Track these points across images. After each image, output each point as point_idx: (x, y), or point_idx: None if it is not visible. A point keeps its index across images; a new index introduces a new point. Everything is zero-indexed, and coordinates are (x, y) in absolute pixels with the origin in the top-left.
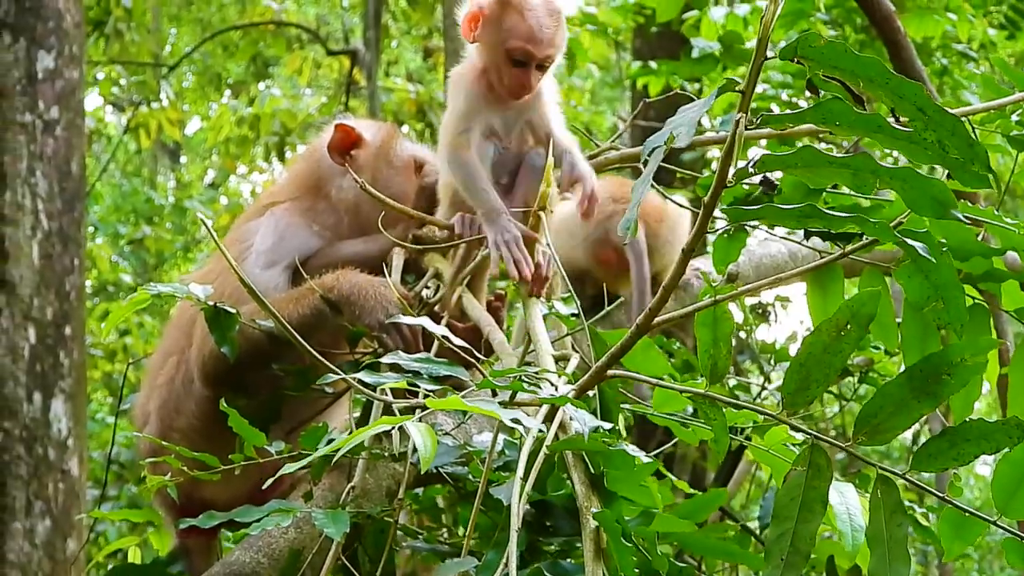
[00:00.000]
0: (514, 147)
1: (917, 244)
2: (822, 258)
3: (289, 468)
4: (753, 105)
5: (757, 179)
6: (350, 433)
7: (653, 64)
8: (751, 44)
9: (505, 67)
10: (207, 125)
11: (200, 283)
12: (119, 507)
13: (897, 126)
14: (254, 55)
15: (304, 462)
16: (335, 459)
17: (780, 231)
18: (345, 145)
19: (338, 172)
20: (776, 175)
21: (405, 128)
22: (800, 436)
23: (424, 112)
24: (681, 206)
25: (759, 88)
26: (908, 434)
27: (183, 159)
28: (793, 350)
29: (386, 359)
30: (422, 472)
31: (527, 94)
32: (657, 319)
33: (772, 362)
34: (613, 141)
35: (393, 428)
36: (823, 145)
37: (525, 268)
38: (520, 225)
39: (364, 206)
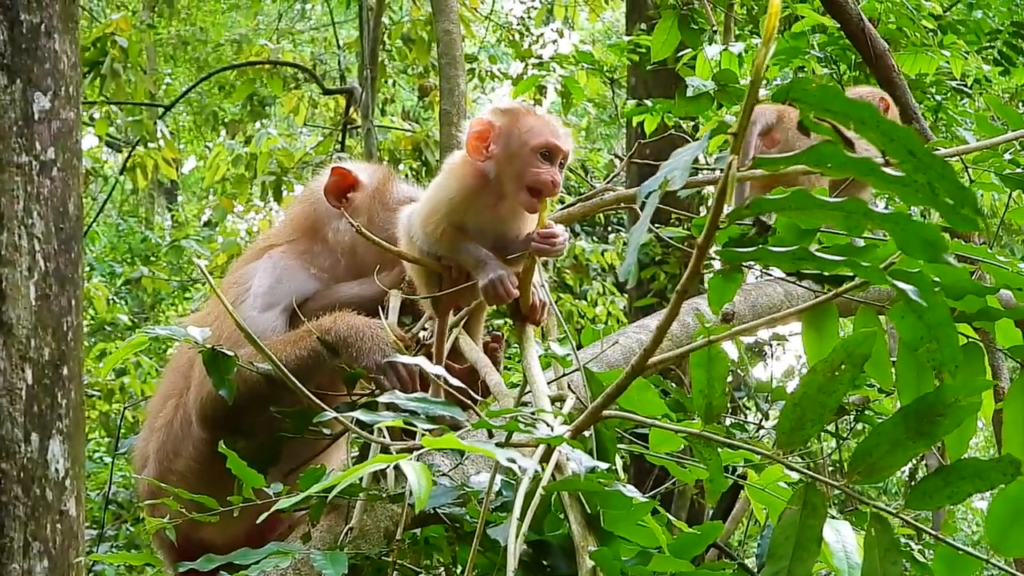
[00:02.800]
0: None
1: (908, 287)
2: (817, 298)
3: (284, 503)
4: None
5: (750, 220)
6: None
7: (648, 102)
8: (746, 82)
9: (531, 166)
10: (203, 164)
11: (198, 325)
12: (117, 547)
13: (888, 169)
14: (250, 95)
15: (299, 499)
16: (330, 497)
17: (776, 271)
18: (341, 188)
19: (335, 215)
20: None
21: (401, 167)
22: (795, 475)
23: (420, 151)
24: (678, 247)
25: None
26: (906, 469)
27: (180, 198)
28: (790, 387)
29: (383, 398)
30: (418, 511)
31: (557, 188)
32: (652, 359)
33: (769, 400)
34: (609, 182)
35: (389, 467)
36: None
37: (512, 295)
38: (506, 270)
39: (360, 248)
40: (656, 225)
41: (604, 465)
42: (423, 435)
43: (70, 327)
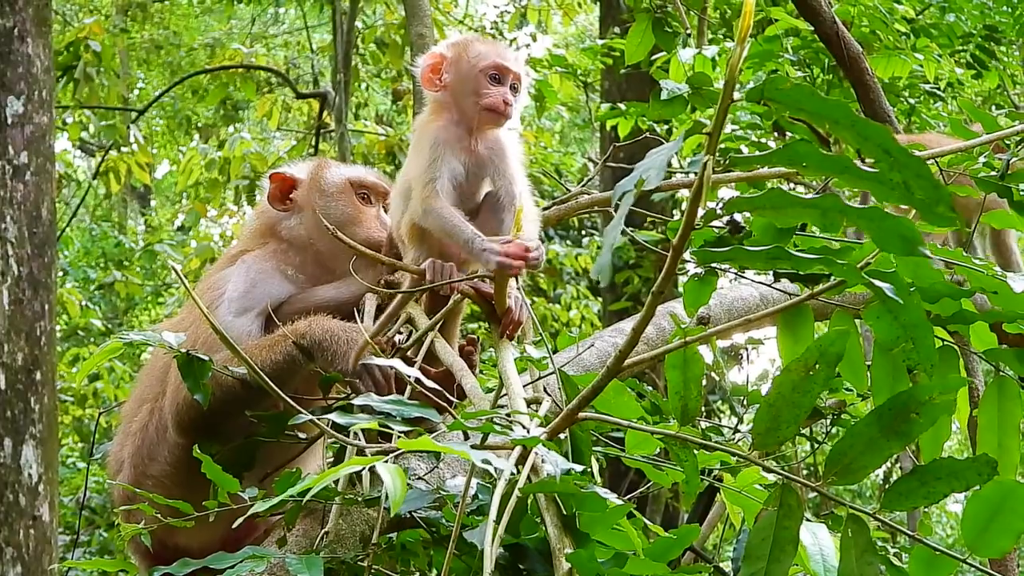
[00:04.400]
0: (478, 199)
1: (884, 285)
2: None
3: (259, 506)
4: (722, 146)
5: (725, 221)
6: None
7: (622, 106)
8: (720, 85)
9: (483, 87)
10: (177, 169)
11: (173, 331)
12: (91, 553)
13: (863, 167)
14: (223, 99)
15: (274, 502)
16: (305, 501)
17: (751, 274)
18: (283, 191)
19: (283, 215)
20: (743, 216)
21: (375, 170)
22: (771, 476)
23: (394, 155)
24: (654, 250)
25: (728, 129)
26: (881, 473)
27: (153, 203)
28: (764, 390)
29: (358, 400)
30: (393, 515)
31: (507, 109)
32: (628, 361)
33: (745, 404)
34: (584, 185)
35: (364, 469)
36: (800, 188)
37: (519, 264)
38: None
39: (318, 242)
40: (631, 228)
41: (580, 467)
42: (398, 437)
43: (43, 332)
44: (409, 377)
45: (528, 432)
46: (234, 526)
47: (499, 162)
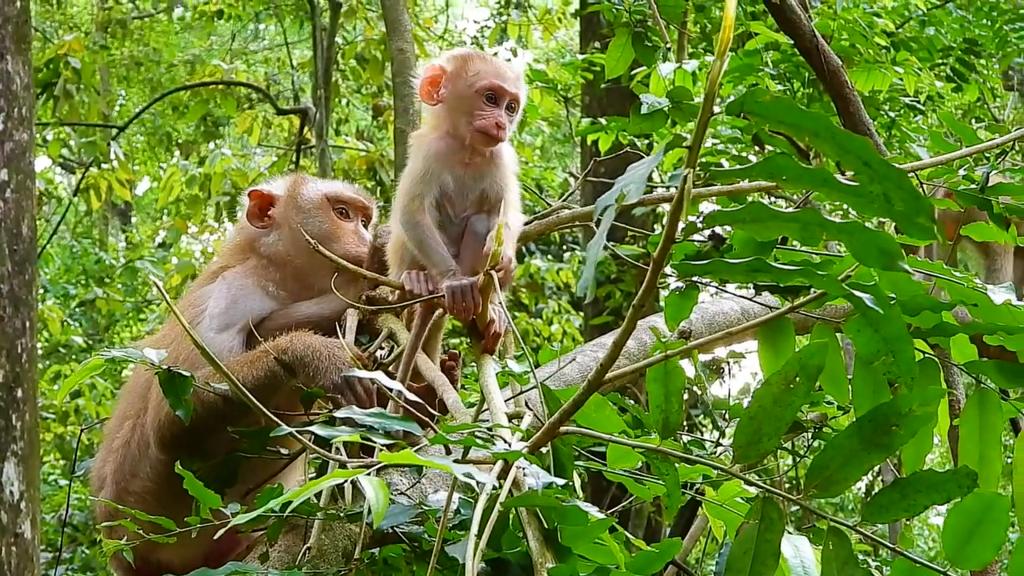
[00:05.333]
0: (467, 213)
1: (864, 296)
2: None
3: (241, 519)
4: (703, 159)
5: (706, 234)
6: None
7: (603, 120)
8: (700, 99)
9: (478, 108)
10: (157, 185)
11: (155, 347)
12: (73, 570)
13: (843, 180)
14: (204, 115)
15: (254, 515)
16: (286, 514)
17: (733, 288)
18: (262, 208)
19: (261, 232)
20: (725, 229)
21: (353, 185)
22: (753, 490)
23: (375, 170)
24: (636, 264)
25: (709, 142)
26: (863, 485)
27: (134, 220)
28: (746, 403)
29: (340, 413)
30: (375, 529)
31: (501, 132)
32: (609, 375)
33: (727, 418)
34: (565, 200)
35: (346, 482)
36: (782, 201)
37: (475, 309)
38: (472, 279)
39: (296, 258)
40: (612, 243)
41: (562, 481)
42: (380, 451)
43: (24, 349)
44: (391, 391)
45: (510, 446)
46: (215, 537)
47: (494, 171)
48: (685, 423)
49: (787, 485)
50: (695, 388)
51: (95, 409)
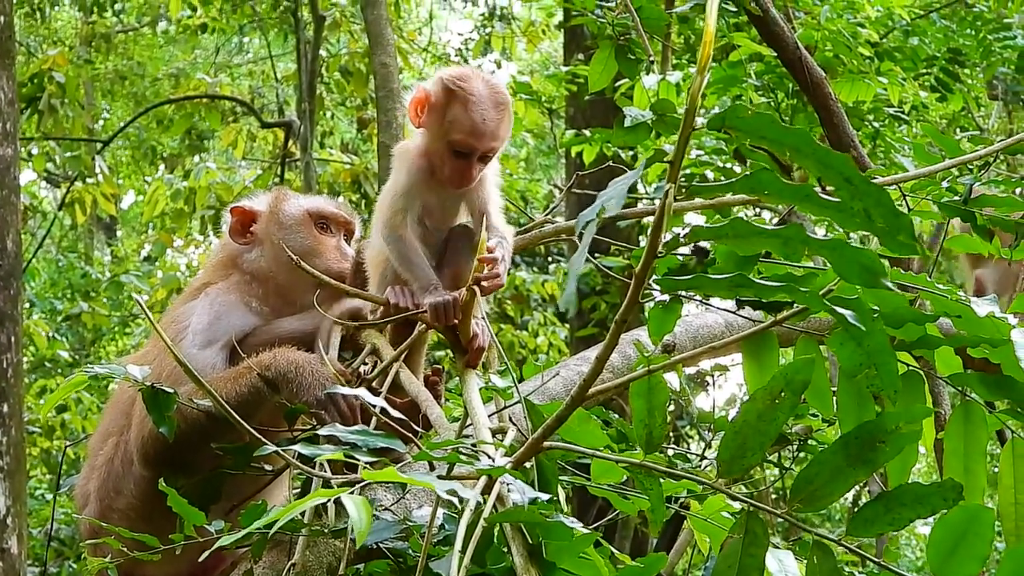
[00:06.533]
0: (448, 225)
1: (847, 312)
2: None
3: (226, 540)
4: (687, 171)
5: (690, 248)
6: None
7: (587, 132)
8: (683, 111)
9: (447, 157)
10: (142, 199)
11: (139, 363)
12: None
13: (824, 195)
14: (188, 128)
15: (240, 535)
16: (272, 533)
17: (717, 302)
18: (244, 225)
19: (244, 248)
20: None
21: (340, 199)
22: (737, 504)
23: (359, 183)
24: (619, 277)
25: (693, 154)
26: (850, 496)
27: (119, 234)
28: (732, 415)
29: (323, 431)
30: (359, 546)
31: (467, 184)
32: (593, 390)
33: (712, 430)
34: (548, 214)
35: (329, 501)
36: (766, 213)
37: (454, 320)
38: (453, 294)
39: (278, 275)
40: (596, 255)
41: (546, 496)
42: (364, 468)
43: (10, 364)
44: (374, 407)
45: (494, 461)
46: (200, 559)
47: (476, 185)
48: (671, 434)
49: (773, 496)
50: (680, 400)
51: (81, 423)
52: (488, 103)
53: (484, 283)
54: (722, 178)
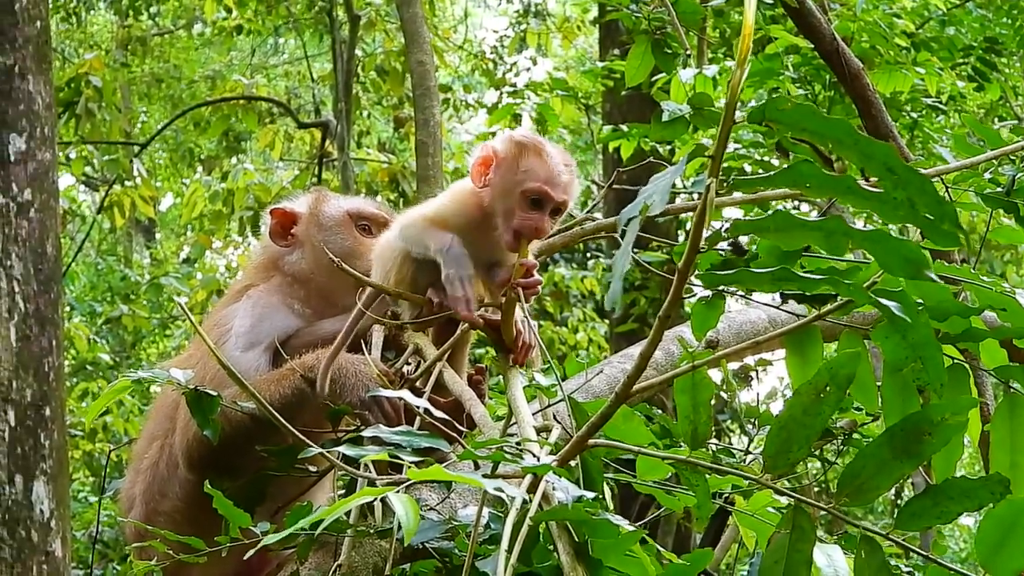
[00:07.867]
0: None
1: (891, 304)
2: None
3: (270, 539)
4: (725, 165)
5: (728, 243)
6: None
7: (624, 127)
8: (721, 104)
9: (520, 208)
10: (181, 201)
11: (182, 367)
12: None
13: (867, 186)
14: (226, 130)
15: (284, 534)
16: (317, 533)
17: (760, 297)
18: (285, 227)
19: (284, 250)
20: (747, 238)
21: (379, 198)
22: (783, 499)
23: (397, 182)
24: (659, 273)
25: (731, 148)
26: (892, 489)
27: (158, 236)
28: (774, 408)
29: (367, 432)
30: (406, 545)
31: (539, 236)
32: (637, 387)
33: (756, 425)
34: (589, 211)
35: (376, 500)
36: (805, 206)
37: (465, 308)
38: (471, 266)
39: (319, 276)
40: (635, 250)
41: (591, 494)
42: (409, 468)
43: (51, 367)
44: (418, 408)
45: (539, 460)
46: (245, 557)
47: (508, 267)
48: (713, 429)
49: (817, 489)
50: (724, 394)
51: (123, 426)
52: (559, 158)
53: (522, 288)
54: (760, 172)
